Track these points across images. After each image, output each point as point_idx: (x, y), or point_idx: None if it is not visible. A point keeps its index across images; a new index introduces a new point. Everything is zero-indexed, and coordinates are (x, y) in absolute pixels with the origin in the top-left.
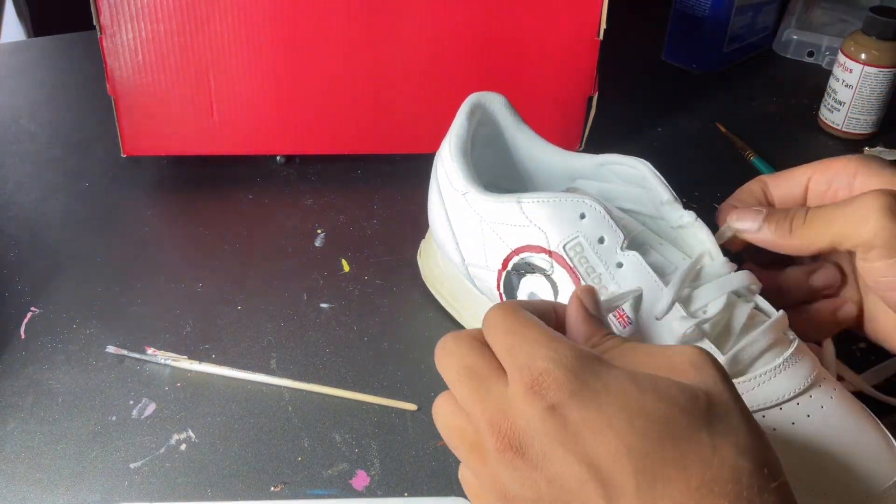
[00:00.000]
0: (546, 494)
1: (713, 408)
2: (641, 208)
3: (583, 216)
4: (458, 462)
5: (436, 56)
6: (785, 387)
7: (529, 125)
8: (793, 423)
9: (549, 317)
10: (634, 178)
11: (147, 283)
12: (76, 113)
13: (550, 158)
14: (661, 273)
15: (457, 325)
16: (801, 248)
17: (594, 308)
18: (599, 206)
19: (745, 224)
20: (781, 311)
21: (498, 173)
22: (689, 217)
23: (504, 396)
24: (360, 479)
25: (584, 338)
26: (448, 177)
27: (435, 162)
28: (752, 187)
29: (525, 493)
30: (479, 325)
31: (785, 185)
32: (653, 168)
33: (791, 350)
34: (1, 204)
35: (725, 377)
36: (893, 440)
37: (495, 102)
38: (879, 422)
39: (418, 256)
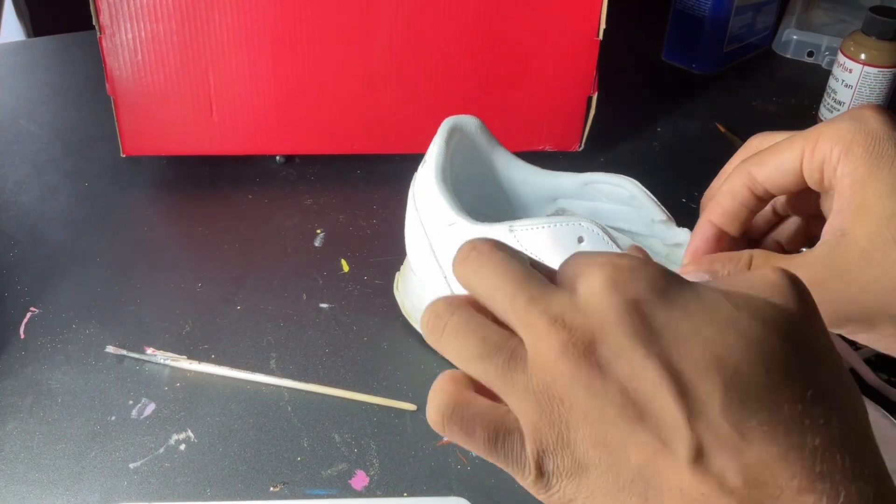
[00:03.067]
0: (611, 403)
1: (800, 333)
2: (632, 227)
3: (581, 240)
4: (457, 462)
5: (436, 56)
6: None
7: (529, 125)
8: None
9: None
10: (622, 196)
11: (147, 283)
12: (76, 113)
13: (531, 179)
14: None
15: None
16: None
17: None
18: (597, 228)
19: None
20: None
21: (477, 198)
22: (683, 235)
23: (570, 296)
24: (360, 479)
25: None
26: (431, 207)
27: (412, 190)
28: (735, 188)
29: (582, 404)
30: None
31: (775, 172)
32: (641, 186)
33: None
34: (1, 204)
35: (811, 303)
36: None
37: (471, 125)
38: (890, 417)
39: (395, 290)
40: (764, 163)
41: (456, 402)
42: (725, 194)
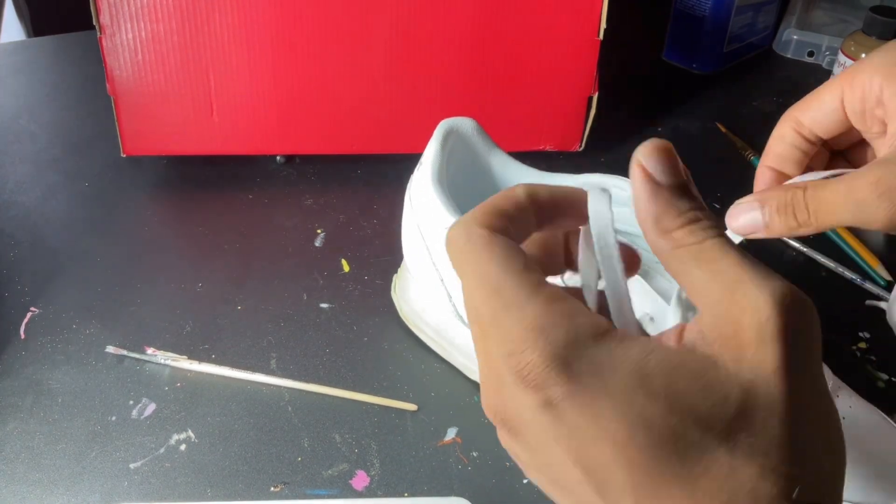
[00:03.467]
0: (542, 470)
1: (746, 415)
2: (631, 228)
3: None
4: (458, 463)
5: (436, 56)
6: None
7: (529, 125)
8: None
9: (525, 219)
10: (621, 198)
11: (147, 283)
12: (76, 113)
13: (528, 180)
14: (667, 298)
15: (443, 361)
16: (821, 230)
17: (667, 175)
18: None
19: (746, 225)
20: None
21: (474, 200)
22: None
23: (497, 372)
24: (360, 480)
25: (654, 220)
26: (427, 210)
27: (408, 192)
28: (783, 132)
29: (522, 456)
30: (467, 362)
31: (819, 114)
32: None
33: None
34: (1, 204)
35: (795, 361)
36: None
37: (467, 127)
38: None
39: (392, 292)
40: (807, 106)
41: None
42: (775, 139)
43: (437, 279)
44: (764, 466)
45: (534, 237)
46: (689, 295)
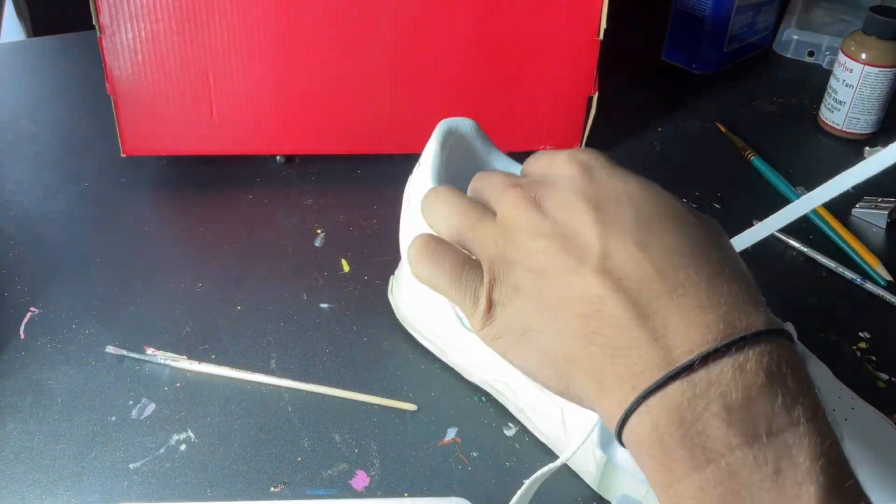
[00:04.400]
0: (544, 236)
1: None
2: None
3: None
4: (458, 463)
5: (436, 56)
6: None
7: (529, 125)
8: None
9: None
10: None
11: (147, 283)
12: (76, 113)
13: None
14: None
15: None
16: None
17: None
18: None
19: None
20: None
21: None
22: None
23: (530, 176)
24: (360, 480)
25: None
26: None
27: (406, 192)
28: None
29: (524, 241)
30: (468, 365)
31: None
32: None
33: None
34: (1, 204)
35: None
36: None
37: (466, 127)
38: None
39: (389, 294)
40: None
41: (430, 240)
42: None
43: None
44: (714, 242)
45: None
46: None
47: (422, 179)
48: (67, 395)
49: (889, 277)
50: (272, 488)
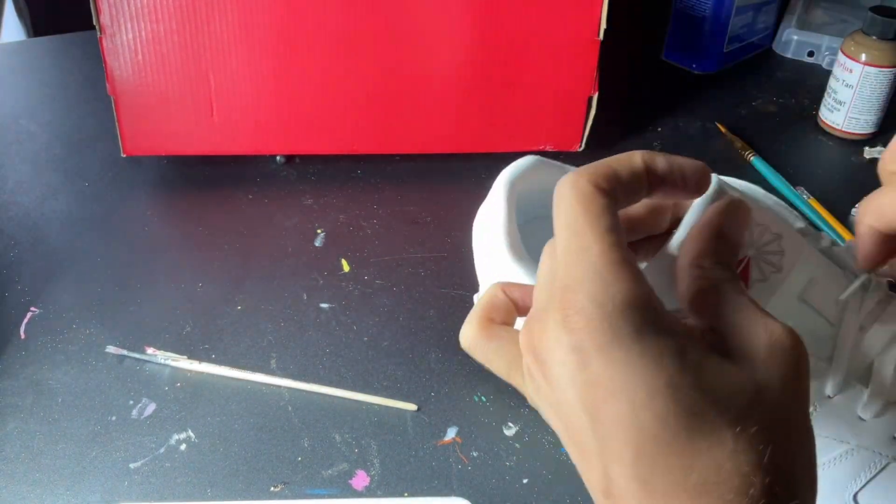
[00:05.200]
0: (554, 406)
1: (757, 406)
2: None
3: None
4: (458, 462)
5: (436, 56)
6: None
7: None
8: None
9: (639, 187)
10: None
11: (147, 283)
12: (76, 113)
13: None
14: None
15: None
16: None
17: (735, 229)
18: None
19: None
20: None
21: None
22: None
23: (549, 302)
24: (360, 479)
25: (693, 255)
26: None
27: (475, 232)
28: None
29: (539, 391)
30: None
31: None
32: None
33: None
34: (1, 204)
35: (799, 375)
36: None
37: (529, 165)
38: None
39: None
40: None
41: (479, 336)
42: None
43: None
44: (762, 455)
45: (645, 200)
46: (708, 318)
47: (507, 259)
48: (68, 394)
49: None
50: (272, 488)
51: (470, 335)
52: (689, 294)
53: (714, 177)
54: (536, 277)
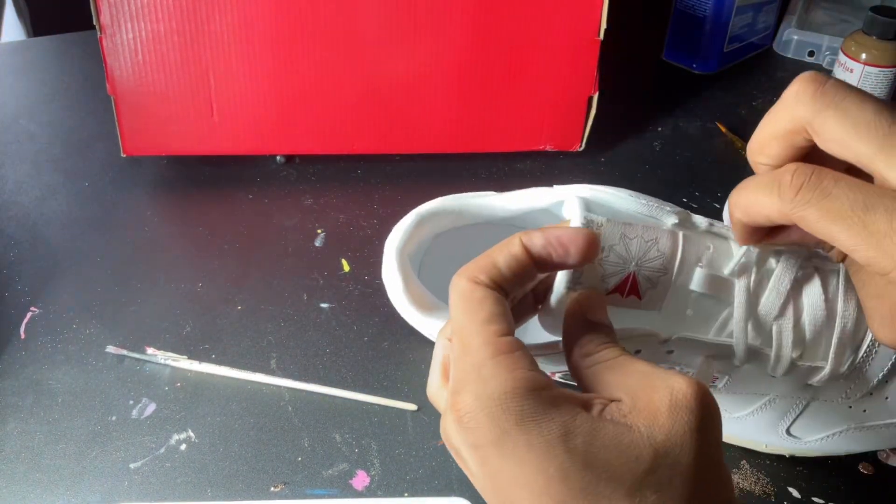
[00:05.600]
0: (483, 493)
1: (655, 471)
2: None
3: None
4: (456, 463)
5: (436, 56)
6: None
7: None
8: None
9: (524, 271)
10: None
11: (147, 283)
12: (76, 113)
13: (502, 212)
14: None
15: None
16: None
17: (597, 314)
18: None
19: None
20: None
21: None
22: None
23: (449, 398)
24: (360, 479)
25: (576, 350)
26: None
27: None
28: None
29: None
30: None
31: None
32: (629, 193)
33: None
34: (1, 204)
35: (705, 426)
36: None
37: (415, 222)
38: None
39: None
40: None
41: (432, 398)
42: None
43: None
44: None
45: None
46: (607, 391)
47: (388, 282)
48: (68, 394)
49: None
50: (272, 488)
51: (430, 391)
52: (589, 384)
53: (577, 202)
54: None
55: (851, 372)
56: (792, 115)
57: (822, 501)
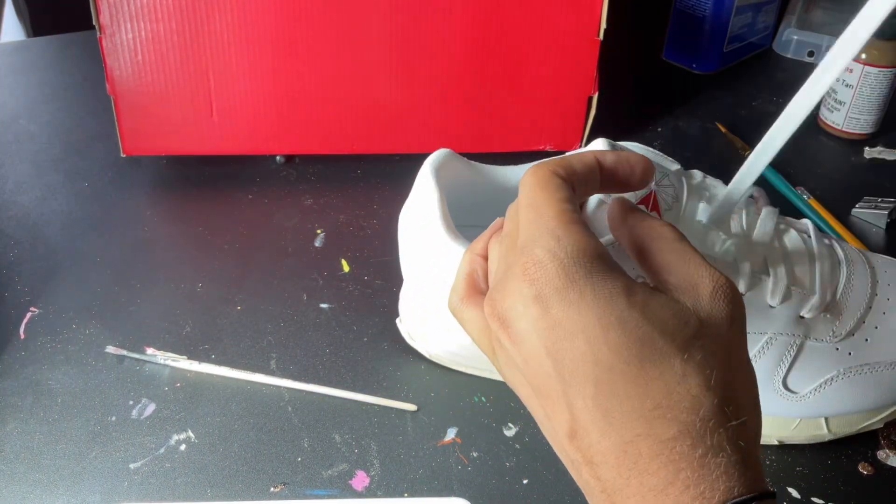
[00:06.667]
0: (521, 366)
1: (701, 336)
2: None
3: None
4: (458, 463)
5: (436, 56)
6: None
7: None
8: None
9: (593, 179)
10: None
11: (147, 283)
12: (76, 113)
13: (513, 179)
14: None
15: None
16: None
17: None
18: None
19: None
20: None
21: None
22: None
23: (508, 268)
24: (360, 480)
25: (633, 215)
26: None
27: (402, 224)
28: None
29: (507, 356)
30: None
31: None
32: (646, 146)
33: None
34: (1, 204)
35: (739, 318)
36: None
37: (445, 159)
38: None
39: (399, 322)
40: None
41: (458, 304)
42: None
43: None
44: (710, 378)
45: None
46: (656, 268)
47: (418, 210)
48: (67, 395)
49: None
50: (272, 488)
51: (452, 302)
52: (644, 252)
53: (603, 142)
54: (489, 261)
55: (835, 306)
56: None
57: (821, 501)
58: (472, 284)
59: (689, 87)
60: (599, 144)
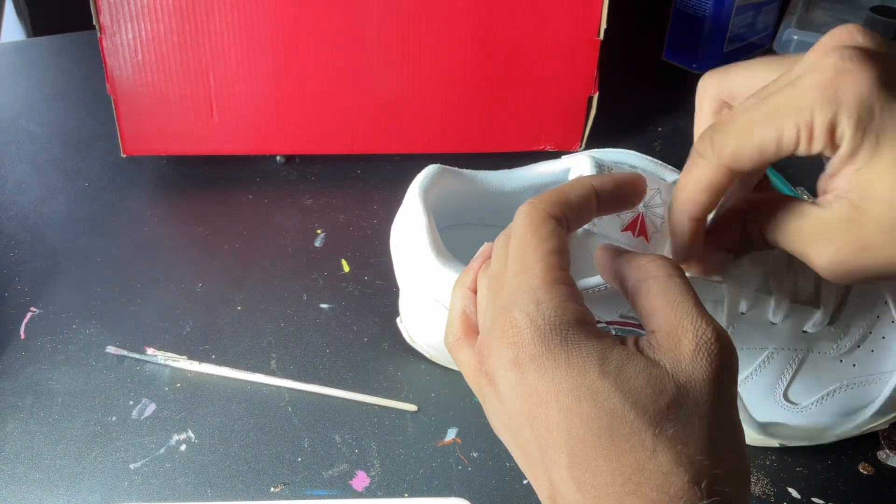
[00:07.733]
0: (506, 424)
1: (677, 406)
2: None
3: None
4: (458, 463)
5: (436, 56)
6: None
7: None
8: None
9: (588, 210)
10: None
11: (147, 283)
12: (76, 113)
13: (511, 184)
14: None
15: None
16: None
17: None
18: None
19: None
20: None
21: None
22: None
23: (493, 322)
24: (360, 480)
25: (627, 256)
26: (437, 278)
27: (394, 241)
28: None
29: (493, 410)
30: None
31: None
32: (638, 155)
33: None
34: (1, 204)
35: (724, 377)
36: None
37: (434, 177)
38: None
39: (399, 321)
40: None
41: (451, 346)
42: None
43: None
44: (681, 454)
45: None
46: (645, 312)
47: (428, 258)
48: (68, 395)
49: None
50: (272, 488)
51: (448, 341)
52: (636, 294)
53: (586, 156)
54: (478, 298)
55: (840, 319)
56: (715, 167)
57: (821, 501)
58: (466, 322)
59: (689, 87)
60: (583, 161)
